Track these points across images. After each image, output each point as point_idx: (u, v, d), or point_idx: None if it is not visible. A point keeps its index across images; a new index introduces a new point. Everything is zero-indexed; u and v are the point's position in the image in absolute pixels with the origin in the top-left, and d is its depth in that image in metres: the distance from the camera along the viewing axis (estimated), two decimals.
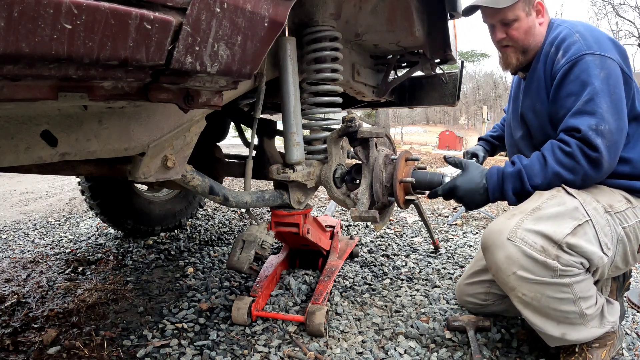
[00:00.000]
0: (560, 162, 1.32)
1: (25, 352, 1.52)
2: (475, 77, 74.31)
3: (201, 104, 0.88)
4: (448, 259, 2.65)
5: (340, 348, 1.57)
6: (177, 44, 0.69)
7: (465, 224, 3.69)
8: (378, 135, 1.61)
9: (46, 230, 3.29)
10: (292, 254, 2.19)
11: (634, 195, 1.39)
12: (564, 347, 1.42)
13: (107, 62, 0.62)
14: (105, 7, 0.58)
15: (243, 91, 1.50)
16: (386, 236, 3.14)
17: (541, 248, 1.20)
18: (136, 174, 1.16)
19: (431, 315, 1.84)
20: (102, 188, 2.65)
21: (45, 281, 2.17)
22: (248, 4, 0.79)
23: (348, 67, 2.13)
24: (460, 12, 1.86)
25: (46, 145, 0.93)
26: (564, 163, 1.31)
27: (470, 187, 1.44)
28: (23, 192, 5.26)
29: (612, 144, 1.30)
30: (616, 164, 1.36)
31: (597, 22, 34.02)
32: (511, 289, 1.28)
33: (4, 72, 0.54)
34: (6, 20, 0.49)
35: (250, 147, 1.60)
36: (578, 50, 1.37)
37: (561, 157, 1.31)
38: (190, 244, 2.81)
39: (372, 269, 2.39)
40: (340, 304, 1.91)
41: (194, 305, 1.88)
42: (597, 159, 1.28)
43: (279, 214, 1.73)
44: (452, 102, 2.55)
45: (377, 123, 13.98)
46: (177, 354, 1.51)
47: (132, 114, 1.07)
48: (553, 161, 1.32)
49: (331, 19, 1.68)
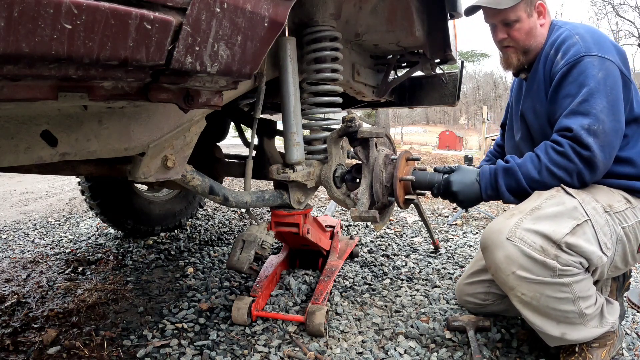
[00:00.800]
0: (554, 160, 1.32)
1: (25, 352, 1.52)
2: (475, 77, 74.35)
3: (201, 104, 0.88)
4: (448, 259, 2.65)
5: (340, 348, 1.57)
6: (177, 44, 0.69)
7: (465, 224, 3.69)
8: (378, 135, 1.61)
9: (46, 230, 3.29)
10: (292, 254, 2.19)
11: (634, 196, 1.39)
12: (563, 347, 1.42)
13: (107, 62, 0.62)
14: (105, 7, 0.58)
15: (243, 91, 1.50)
16: (386, 236, 3.14)
17: (540, 248, 1.21)
18: (136, 174, 1.16)
19: (431, 315, 1.84)
20: (102, 188, 2.65)
21: (45, 281, 2.17)
22: (248, 4, 0.79)
23: (348, 67, 2.13)
24: (460, 12, 1.86)
25: (46, 145, 0.93)
26: (557, 162, 1.32)
27: (464, 183, 1.46)
28: (23, 192, 5.26)
29: (607, 144, 1.30)
30: (611, 164, 1.36)
31: (597, 22, 34.08)
32: (510, 289, 1.28)
33: (4, 72, 0.54)
34: (6, 20, 0.49)
35: (250, 147, 1.60)
36: (577, 52, 1.37)
37: (554, 156, 1.32)
38: (190, 244, 2.81)
39: (372, 269, 2.39)
40: (340, 304, 1.91)
41: (194, 305, 1.88)
42: (589, 158, 1.29)
43: (279, 214, 1.73)
44: (452, 102, 2.55)
45: (377, 123, 13.98)
46: (177, 354, 1.51)
47: (132, 114, 1.07)
48: (546, 160, 1.33)
49: (331, 19, 1.68)
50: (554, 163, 1.32)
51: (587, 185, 1.37)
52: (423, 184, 1.61)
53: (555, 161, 1.32)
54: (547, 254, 1.20)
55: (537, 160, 1.35)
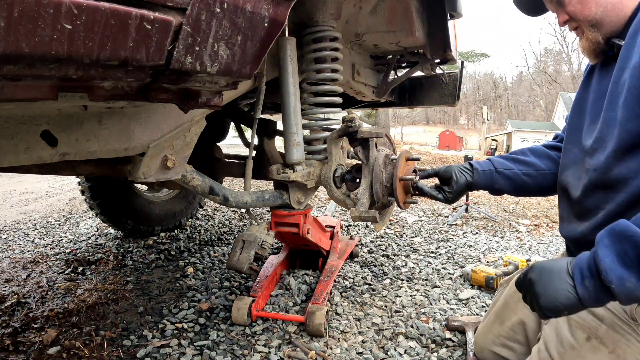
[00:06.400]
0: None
1: (25, 352, 1.52)
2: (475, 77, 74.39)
3: (201, 104, 0.88)
4: (448, 259, 2.65)
5: (340, 348, 1.57)
6: (177, 44, 0.69)
7: (465, 224, 3.69)
8: (378, 135, 1.61)
9: (46, 230, 3.29)
10: (292, 254, 2.19)
11: None
12: None
13: (107, 62, 0.62)
14: (105, 7, 0.58)
15: (243, 91, 1.50)
16: (386, 236, 3.14)
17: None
18: (136, 174, 1.16)
19: (431, 315, 1.84)
20: (102, 188, 2.65)
21: (45, 281, 2.17)
22: (248, 4, 0.79)
23: (348, 67, 2.13)
24: (460, 12, 1.86)
25: (46, 145, 0.93)
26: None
27: (549, 275, 0.89)
28: (23, 192, 5.26)
29: None
30: None
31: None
32: None
33: (4, 72, 0.54)
34: (6, 20, 0.49)
35: (250, 147, 1.60)
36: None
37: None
38: (190, 244, 2.81)
39: (372, 269, 2.39)
40: (340, 304, 1.91)
41: (194, 305, 1.88)
42: None
43: (279, 214, 1.73)
44: (452, 102, 2.55)
45: (377, 123, 13.98)
46: (177, 354, 1.51)
47: (132, 114, 1.07)
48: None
49: (331, 19, 1.68)
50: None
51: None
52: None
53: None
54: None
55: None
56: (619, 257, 0.76)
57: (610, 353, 0.97)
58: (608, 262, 0.77)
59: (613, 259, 0.76)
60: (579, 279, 0.82)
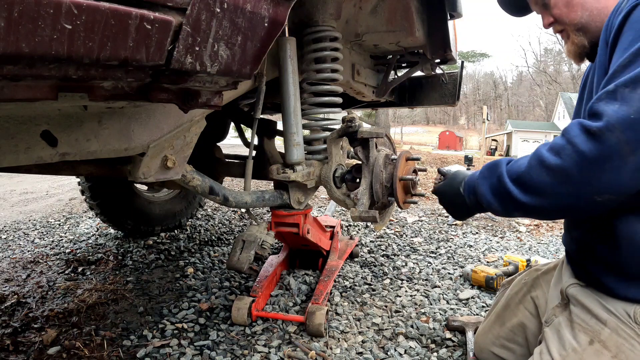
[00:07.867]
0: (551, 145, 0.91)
1: (25, 352, 1.52)
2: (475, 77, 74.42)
3: (201, 104, 0.88)
4: (448, 259, 2.65)
5: (340, 348, 1.57)
6: (177, 44, 0.69)
7: (465, 224, 3.69)
8: (378, 136, 1.61)
9: (46, 230, 3.29)
10: (292, 254, 2.19)
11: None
12: None
13: (107, 62, 0.62)
14: (105, 7, 0.58)
15: (243, 91, 1.50)
16: (386, 236, 3.14)
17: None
18: (136, 174, 1.16)
19: (431, 315, 1.84)
20: (102, 188, 2.65)
21: (45, 281, 2.17)
22: (248, 4, 0.79)
23: (348, 67, 2.13)
24: (460, 12, 1.86)
25: (46, 145, 0.93)
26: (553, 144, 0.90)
27: (450, 191, 1.21)
28: (23, 192, 5.26)
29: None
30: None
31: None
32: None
33: (4, 72, 0.54)
34: (6, 20, 0.49)
35: (250, 147, 1.60)
36: None
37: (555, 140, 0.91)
38: (190, 244, 2.81)
39: (372, 269, 2.39)
40: (340, 304, 1.91)
41: (194, 305, 1.88)
42: (597, 130, 0.82)
43: (279, 214, 1.73)
44: (452, 102, 2.55)
45: (377, 123, 13.98)
46: (177, 354, 1.51)
47: (132, 114, 1.07)
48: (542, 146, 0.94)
49: (331, 19, 1.68)
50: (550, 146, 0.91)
51: None
52: None
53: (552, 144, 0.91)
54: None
55: None
56: (491, 187, 1.01)
57: (614, 358, 0.99)
58: (483, 190, 1.03)
59: (487, 188, 1.02)
60: (467, 196, 1.13)
